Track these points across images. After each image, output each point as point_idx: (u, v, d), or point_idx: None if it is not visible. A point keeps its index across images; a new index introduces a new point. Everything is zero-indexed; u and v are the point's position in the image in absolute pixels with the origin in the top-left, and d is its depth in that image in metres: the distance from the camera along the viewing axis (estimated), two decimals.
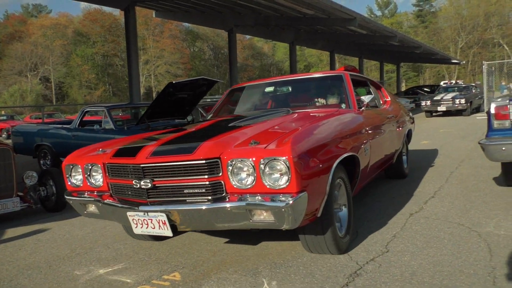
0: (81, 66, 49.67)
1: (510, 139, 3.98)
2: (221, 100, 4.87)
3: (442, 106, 16.81)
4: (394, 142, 4.77)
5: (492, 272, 2.49)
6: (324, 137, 2.79)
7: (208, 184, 2.53)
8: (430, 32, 64.82)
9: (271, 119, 3.39)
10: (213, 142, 2.66)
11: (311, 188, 2.45)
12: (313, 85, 4.53)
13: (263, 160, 2.38)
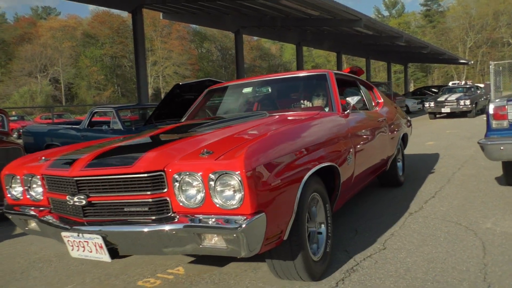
0: (90, 67, 50.21)
1: (508, 139, 4.07)
2: (197, 101, 4.46)
3: (446, 108, 16.38)
4: (387, 147, 4.39)
5: (484, 268, 2.58)
6: (292, 146, 2.42)
7: (151, 201, 2.17)
8: (438, 32, 64.54)
9: (240, 124, 2.99)
10: (158, 152, 2.29)
11: (273, 208, 2.11)
12: (294, 85, 4.14)
13: (212, 174, 2.01)
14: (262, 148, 2.19)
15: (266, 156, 2.15)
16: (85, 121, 8.15)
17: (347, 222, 3.78)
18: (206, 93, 4.49)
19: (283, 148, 2.33)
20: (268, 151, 2.19)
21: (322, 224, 2.75)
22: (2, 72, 49.77)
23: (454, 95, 16.93)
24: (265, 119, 3.11)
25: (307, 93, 3.95)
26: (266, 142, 2.27)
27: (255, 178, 1.99)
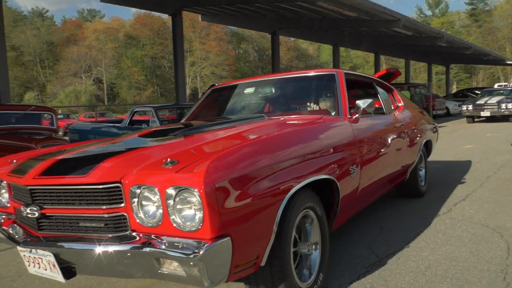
0: (131, 68, 51.91)
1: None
2: (199, 101, 4.14)
3: (485, 111, 15.43)
4: (405, 155, 4.04)
5: (505, 269, 2.62)
6: (273, 157, 2.08)
7: (106, 217, 1.93)
8: (484, 31, 62.04)
9: (229, 128, 2.69)
10: (117, 160, 2.02)
11: (244, 230, 1.83)
12: (301, 86, 3.78)
13: (170, 189, 1.74)
14: (232, 160, 1.87)
15: (236, 169, 1.83)
16: (126, 119, 8.58)
17: (373, 221, 3.87)
18: (210, 93, 4.14)
19: (261, 159, 2.00)
20: (239, 164, 1.88)
21: (317, 245, 2.43)
22: (50, 72, 52.40)
23: (495, 97, 16.08)
24: (260, 123, 2.78)
25: (314, 94, 3.62)
26: (239, 153, 1.95)
27: (219, 196, 1.71)
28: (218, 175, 1.74)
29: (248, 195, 1.85)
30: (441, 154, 8.10)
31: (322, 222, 2.46)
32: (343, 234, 3.51)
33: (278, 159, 2.10)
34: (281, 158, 2.13)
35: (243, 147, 2.05)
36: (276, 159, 2.09)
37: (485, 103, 15.59)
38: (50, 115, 7.57)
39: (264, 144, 2.18)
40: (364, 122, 3.25)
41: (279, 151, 2.17)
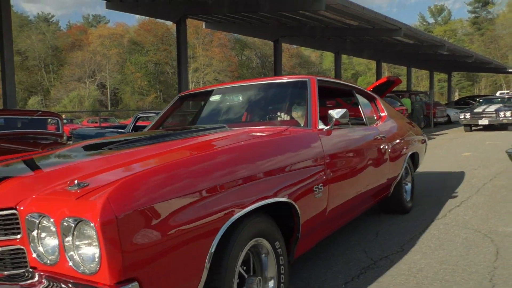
0: (135, 73, 52.28)
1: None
2: (166, 109, 3.83)
3: (483, 120, 15.15)
4: (387, 169, 3.74)
5: (493, 271, 2.74)
6: (209, 178, 1.75)
7: (1, 250, 1.64)
8: (486, 39, 62.23)
9: (173, 141, 2.37)
10: (17, 181, 1.74)
11: (160, 271, 1.50)
12: (270, 93, 3.51)
13: (66, 220, 1.44)
14: (147, 184, 1.53)
15: (151, 196, 1.49)
16: (130, 125, 8.75)
17: (369, 226, 3.99)
18: (177, 100, 3.84)
19: (190, 182, 1.66)
20: (156, 190, 1.53)
21: (272, 279, 2.09)
22: (54, 77, 52.82)
23: (493, 106, 15.82)
24: (215, 136, 2.48)
25: (285, 103, 3.35)
26: (158, 176, 1.60)
27: (123, 230, 1.38)
28: (123, 204, 1.40)
29: (167, 227, 1.50)
30: (440, 162, 8.22)
31: (279, 252, 2.12)
32: (339, 238, 3.63)
33: (214, 181, 1.76)
34: (219, 179, 1.79)
35: (168, 167, 1.68)
36: (211, 181, 1.75)
37: (483, 111, 15.35)
38: (56, 120, 7.73)
39: (199, 162, 1.82)
40: (337, 134, 2.97)
41: (218, 171, 1.83)
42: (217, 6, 13.37)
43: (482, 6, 66.55)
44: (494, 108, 15.36)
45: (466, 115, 15.61)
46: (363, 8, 13.01)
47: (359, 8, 12.83)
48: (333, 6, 12.24)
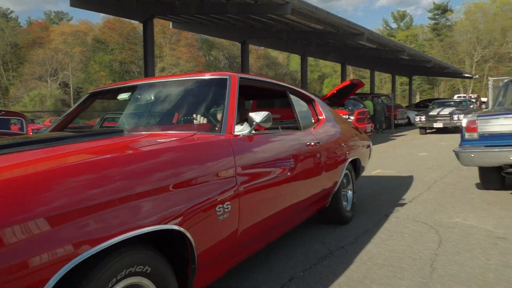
0: (99, 72, 51.16)
1: (477, 148, 4.78)
2: (74, 106, 3.37)
3: (438, 123, 15.49)
4: (322, 178, 3.42)
5: (434, 257, 3.06)
6: (46, 203, 1.31)
7: None
8: (445, 45, 64.90)
9: (36, 149, 1.82)
10: None
11: None
12: (185, 92, 2.98)
13: None
14: None
15: None
16: (95, 126, 8.71)
17: None
18: (87, 98, 3.36)
19: (21, 207, 1.25)
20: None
21: None
22: (13, 75, 50.88)
23: (447, 109, 16.21)
24: (101, 142, 2.02)
25: (202, 103, 2.89)
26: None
27: None
28: None
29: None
30: (398, 161, 8.68)
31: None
32: (299, 231, 3.88)
33: (56, 207, 1.32)
34: (62, 205, 1.34)
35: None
36: (51, 208, 1.30)
37: (438, 114, 15.68)
38: (20, 120, 7.63)
39: (43, 180, 1.36)
40: (259, 141, 2.62)
41: (68, 192, 1.38)
42: (184, 7, 13.43)
43: (441, 13, 69.41)
44: (448, 111, 15.74)
45: (421, 118, 15.87)
46: (328, 13, 13.43)
47: (323, 12, 13.23)
48: (298, 10, 12.57)
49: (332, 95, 12.84)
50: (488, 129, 4.74)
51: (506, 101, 5.79)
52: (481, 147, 4.73)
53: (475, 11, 63.91)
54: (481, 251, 3.16)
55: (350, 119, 11.93)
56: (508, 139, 4.56)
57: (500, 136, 4.65)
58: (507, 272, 2.74)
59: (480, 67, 61.39)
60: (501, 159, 4.55)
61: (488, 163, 4.74)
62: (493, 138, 4.69)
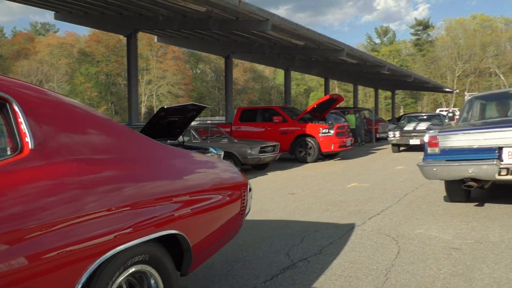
0: (84, 84, 50.96)
1: (439, 162, 4.98)
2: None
3: (415, 139, 13.36)
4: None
5: (390, 268, 3.22)
6: None
7: None
8: (427, 60, 66.35)
9: None
10: None
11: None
12: None
13: None
14: None
15: None
16: None
17: (297, 232, 4.41)
18: None
19: None
20: None
21: None
22: None
23: (423, 124, 14.55)
24: None
25: None
26: None
27: None
28: None
29: None
30: (374, 174, 8.91)
31: None
32: (265, 243, 4.02)
33: None
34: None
35: None
36: None
37: (414, 130, 13.87)
38: None
39: None
40: None
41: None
42: (168, 22, 13.62)
43: (423, 29, 71.12)
44: (425, 126, 13.93)
45: (395, 133, 13.98)
46: (308, 29, 13.75)
47: (304, 29, 13.56)
48: (279, 27, 12.87)
49: (312, 109, 13.09)
50: (448, 144, 4.93)
51: (470, 117, 6.05)
52: (443, 161, 4.91)
53: (455, 27, 65.68)
54: (435, 261, 3.34)
55: (330, 133, 12.17)
56: (467, 154, 4.76)
57: (459, 151, 4.84)
58: (454, 281, 2.92)
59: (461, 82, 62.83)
60: (461, 172, 4.75)
61: (449, 176, 4.95)
62: (453, 152, 4.87)
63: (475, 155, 4.72)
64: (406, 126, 14.62)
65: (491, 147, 4.63)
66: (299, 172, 9.92)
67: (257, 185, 8.16)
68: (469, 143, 4.79)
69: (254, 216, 5.32)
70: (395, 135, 14.04)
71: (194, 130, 10.96)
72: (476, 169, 4.62)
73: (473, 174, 4.68)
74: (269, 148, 10.45)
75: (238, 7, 10.27)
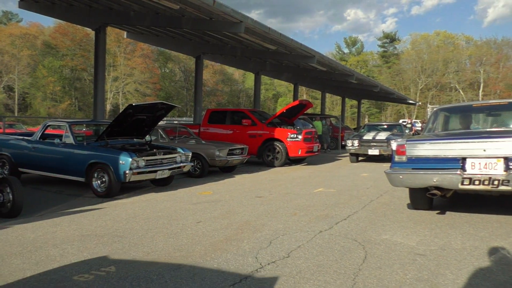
0: (47, 77, 49.10)
1: (405, 170, 5.08)
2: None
3: (374, 149, 12.89)
4: None
5: (358, 272, 3.25)
6: None
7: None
8: (393, 72, 68.45)
9: None
10: None
11: None
12: None
13: None
14: None
15: None
16: (37, 133, 8.41)
17: (265, 236, 4.38)
18: None
19: None
20: None
21: None
22: None
23: (383, 133, 13.78)
24: None
25: None
26: None
27: None
28: None
29: None
30: (340, 181, 9.02)
31: None
32: (234, 246, 3.96)
33: None
34: None
35: None
36: None
37: (373, 139, 13.15)
38: None
39: None
40: None
41: None
42: (139, 18, 13.34)
43: (390, 42, 73.40)
44: (384, 135, 13.26)
45: (354, 142, 13.20)
46: (280, 34, 13.85)
47: (276, 33, 13.63)
48: (252, 30, 12.88)
49: (281, 114, 13.15)
50: (415, 153, 5.03)
51: (435, 127, 6.23)
52: (409, 169, 5.02)
53: (420, 42, 68.13)
54: (401, 266, 3.39)
55: (298, 138, 12.26)
56: (432, 163, 4.88)
57: (425, 159, 4.95)
58: (419, 286, 2.97)
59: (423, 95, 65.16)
60: (426, 181, 4.86)
61: (415, 184, 5.04)
62: (420, 161, 4.98)
63: (440, 164, 4.84)
64: (366, 135, 13.75)
65: (455, 157, 4.75)
66: (267, 176, 9.93)
67: (225, 187, 8.09)
68: (435, 152, 4.90)
69: (222, 218, 5.25)
70: (353, 144, 13.18)
71: (161, 130, 10.75)
72: (440, 178, 4.76)
73: (437, 183, 4.79)
74: (238, 150, 10.40)
75: (212, 7, 10.19)
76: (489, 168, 4.57)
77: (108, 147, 7.54)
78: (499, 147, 4.56)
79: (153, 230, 4.65)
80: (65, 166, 7.56)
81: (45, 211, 5.79)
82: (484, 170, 4.58)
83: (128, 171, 6.81)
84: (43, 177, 8.70)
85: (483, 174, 4.56)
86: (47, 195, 7.23)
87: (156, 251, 3.86)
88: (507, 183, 4.43)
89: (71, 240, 4.27)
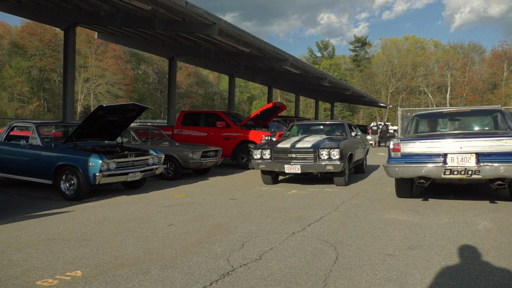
0: (14, 78, 47.52)
1: (400, 164, 6.25)
2: None
3: (293, 164, 8.00)
4: None
5: (328, 273, 3.27)
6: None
7: None
8: (364, 75, 69.72)
9: None
10: None
11: None
12: None
13: None
14: None
15: None
16: (2, 134, 8.11)
17: (237, 238, 4.36)
18: None
19: None
20: None
21: None
22: None
23: (312, 137, 9.01)
24: None
25: None
26: None
27: None
28: None
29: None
30: (313, 181, 9.08)
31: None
32: (205, 248, 3.92)
33: None
34: None
35: None
36: None
37: (292, 148, 8.16)
38: None
39: None
40: None
41: None
42: (110, 18, 13.09)
43: (361, 46, 74.78)
44: (311, 142, 8.38)
45: (263, 153, 8.32)
46: (254, 37, 13.88)
47: (250, 36, 13.65)
48: (226, 32, 12.85)
49: (255, 116, 13.17)
50: (408, 150, 6.24)
51: (412, 130, 7.47)
52: (403, 163, 6.21)
53: (390, 46, 69.72)
54: (371, 266, 3.43)
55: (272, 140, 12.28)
56: (421, 158, 6.11)
57: (416, 155, 6.17)
58: (388, 286, 3.01)
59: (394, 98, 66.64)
60: (416, 172, 6.07)
61: (407, 175, 6.23)
62: (411, 156, 6.20)
63: (427, 159, 6.08)
64: (282, 142, 8.71)
65: (439, 153, 6.00)
66: (241, 178, 9.90)
67: (198, 190, 8.02)
68: (423, 150, 6.13)
69: (194, 220, 5.19)
70: (262, 156, 8.36)
71: (134, 132, 10.57)
72: (427, 170, 5.99)
73: (425, 174, 6.01)
74: (211, 153, 10.33)
75: (185, 8, 10.10)
76: (464, 162, 5.81)
77: (77, 149, 7.35)
78: (472, 145, 5.82)
79: (123, 234, 4.55)
80: (32, 168, 7.32)
81: (9, 215, 5.57)
82: (461, 163, 5.82)
83: (98, 173, 6.65)
84: (9, 180, 8.39)
85: (460, 166, 5.80)
86: (13, 198, 6.98)
87: (125, 255, 3.77)
88: (478, 173, 5.70)
89: (35, 244, 4.13)
